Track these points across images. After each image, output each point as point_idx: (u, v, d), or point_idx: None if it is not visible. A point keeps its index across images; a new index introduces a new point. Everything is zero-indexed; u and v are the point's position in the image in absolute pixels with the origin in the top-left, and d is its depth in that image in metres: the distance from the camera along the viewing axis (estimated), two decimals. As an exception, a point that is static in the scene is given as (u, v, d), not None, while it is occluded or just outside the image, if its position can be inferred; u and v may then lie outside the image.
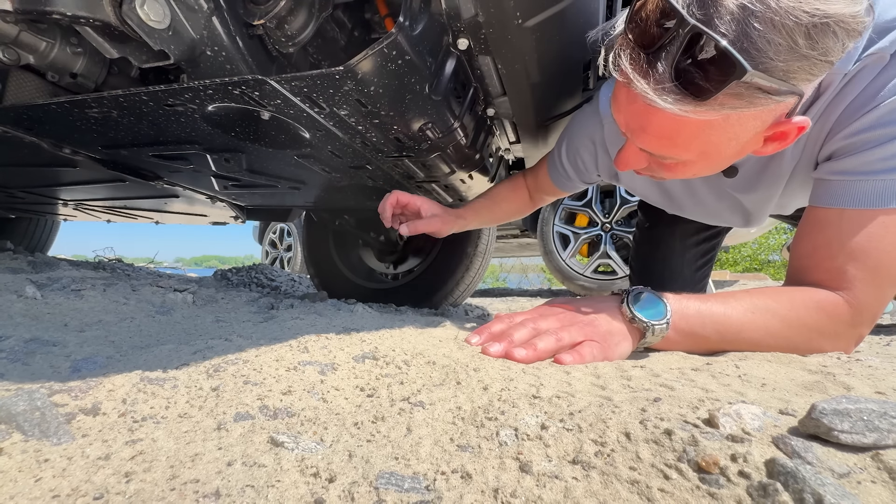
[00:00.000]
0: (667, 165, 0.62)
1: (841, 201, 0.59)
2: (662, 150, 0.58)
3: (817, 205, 0.62)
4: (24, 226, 2.78)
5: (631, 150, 0.64)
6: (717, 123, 0.51)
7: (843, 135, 0.60)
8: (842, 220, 0.59)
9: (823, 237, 0.61)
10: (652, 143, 0.58)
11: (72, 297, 0.85)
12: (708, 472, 0.28)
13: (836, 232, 0.59)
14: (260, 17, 0.64)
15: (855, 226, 0.58)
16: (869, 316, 0.60)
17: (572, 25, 0.73)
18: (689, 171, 0.62)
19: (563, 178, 0.98)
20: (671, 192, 0.94)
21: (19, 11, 0.55)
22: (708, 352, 0.62)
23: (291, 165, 1.00)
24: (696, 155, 0.57)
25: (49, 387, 0.39)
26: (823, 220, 0.61)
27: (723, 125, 0.52)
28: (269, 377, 0.45)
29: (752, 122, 0.52)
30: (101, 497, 0.27)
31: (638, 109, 0.56)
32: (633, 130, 0.59)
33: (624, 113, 0.59)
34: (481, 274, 1.76)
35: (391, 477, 0.30)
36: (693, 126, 0.52)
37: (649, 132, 0.57)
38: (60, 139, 0.90)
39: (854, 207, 0.58)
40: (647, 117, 0.55)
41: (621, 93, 0.58)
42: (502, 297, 3.71)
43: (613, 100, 0.61)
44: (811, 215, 0.63)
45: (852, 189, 0.58)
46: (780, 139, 0.56)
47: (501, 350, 0.57)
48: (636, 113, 0.56)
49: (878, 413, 0.29)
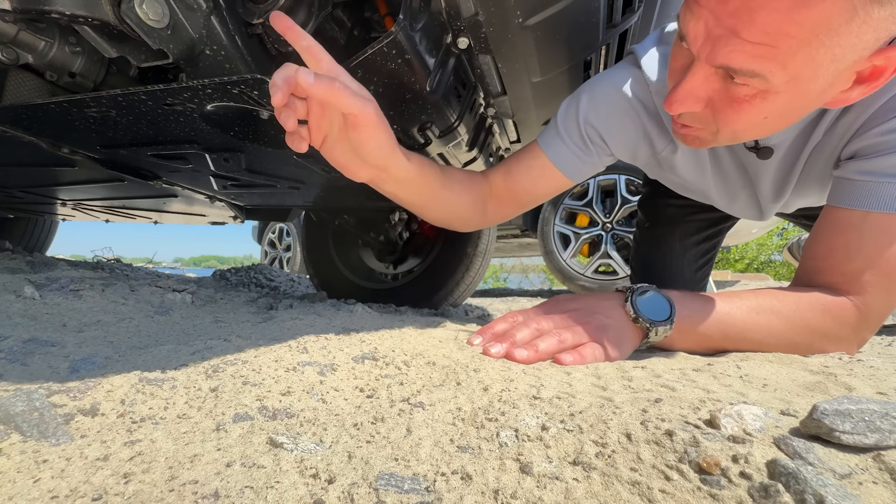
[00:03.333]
0: (738, 100, 0.51)
1: (867, 203, 0.56)
2: (756, 64, 0.47)
3: (839, 205, 0.59)
4: (22, 226, 2.78)
5: (697, 78, 0.52)
6: (837, 22, 0.43)
7: (876, 132, 0.57)
8: (864, 224, 0.56)
9: (843, 240, 0.58)
10: (745, 52, 0.47)
11: (70, 297, 0.85)
12: (709, 472, 0.28)
13: (856, 235, 0.57)
14: (259, 16, 0.64)
15: (878, 230, 0.56)
16: (876, 321, 0.59)
17: (573, 24, 0.73)
18: (763, 107, 0.51)
19: (569, 154, 0.77)
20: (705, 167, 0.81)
21: (18, 11, 0.54)
22: (710, 351, 0.62)
23: (290, 165, 1.00)
24: (789, 77, 0.47)
25: (47, 387, 0.39)
26: (845, 222, 0.58)
27: (841, 28, 0.43)
28: (269, 378, 0.44)
29: (864, 36, 0.44)
30: (100, 498, 0.27)
31: (739, 3, 0.45)
32: (718, 39, 0.48)
33: (709, 16, 0.48)
34: (481, 274, 1.76)
35: (391, 478, 0.29)
36: (806, 28, 0.44)
37: (746, 35, 0.46)
38: (59, 139, 0.90)
39: (881, 211, 0.55)
40: (751, 12, 0.45)
41: None
42: (502, 297, 3.71)
43: (687, 10, 0.50)
44: (831, 216, 0.60)
45: (880, 191, 0.56)
46: (875, 77, 0.48)
47: (503, 351, 0.56)
48: (735, 10, 0.45)
49: (880, 414, 0.29)
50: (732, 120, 0.54)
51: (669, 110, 0.56)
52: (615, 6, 0.80)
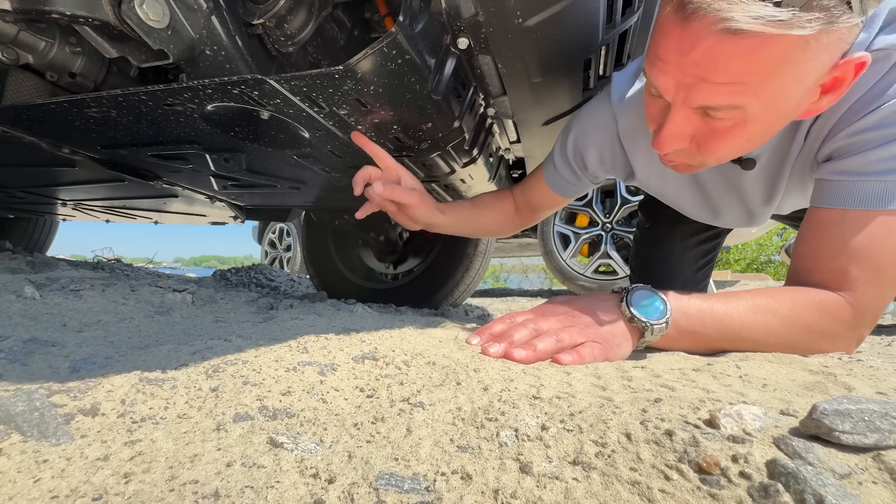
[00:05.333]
0: (720, 131, 0.56)
1: (843, 202, 0.59)
2: (730, 98, 0.51)
3: (819, 205, 0.62)
4: (22, 226, 2.78)
5: (677, 120, 0.57)
6: (795, 54, 0.47)
7: (845, 133, 0.59)
8: (844, 221, 0.59)
9: (826, 238, 0.60)
10: (718, 91, 0.51)
11: (71, 297, 0.85)
12: (709, 472, 0.28)
13: (838, 233, 0.59)
14: (259, 16, 0.64)
15: (857, 226, 0.58)
16: (870, 317, 0.59)
17: (572, 25, 0.73)
18: (744, 133, 0.56)
19: (562, 181, 0.93)
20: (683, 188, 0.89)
21: (18, 11, 0.54)
22: (709, 351, 0.62)
23: (291, 165, 1.00)
24: (763, 103, 0.52)
25: (48, 387, 0.39)
26: (826, 221, 0.61)
27: (799, 57, 0.48)
28: (269, 378, 0.45)
29: (820, 59, 0.49)
30: (100, 498, 0.27)
31: (700, 55, 0.49)
32: (690, 86, 0.52)
33: (674, 70, 0.53)
34: (481, 274, 1.76)
35: (391, 478, 0.29)
36: (768, 63, 0.48)
37: (715, 78, 0.50)
38: (59, 139, 0.90)
39: (856, 208, 0.58)
40: (714, 60, 0.49)
41: (671, 44, 0.52)
42: (502, 297, 3.71)
43: (652, 66, 0.55)
44: (813, 216, 0.63)
45: (854, 190, 0.58)
46: (837, 86, 0.53)
47: (501, 350, 0.56)
48: (698, 61, 0.50)
49: (880, 414, 0.29)
50: (717, 148, 0.59)
51: (658, 150, 0.61)
52: (615, 6, 0.80)
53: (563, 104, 0.99)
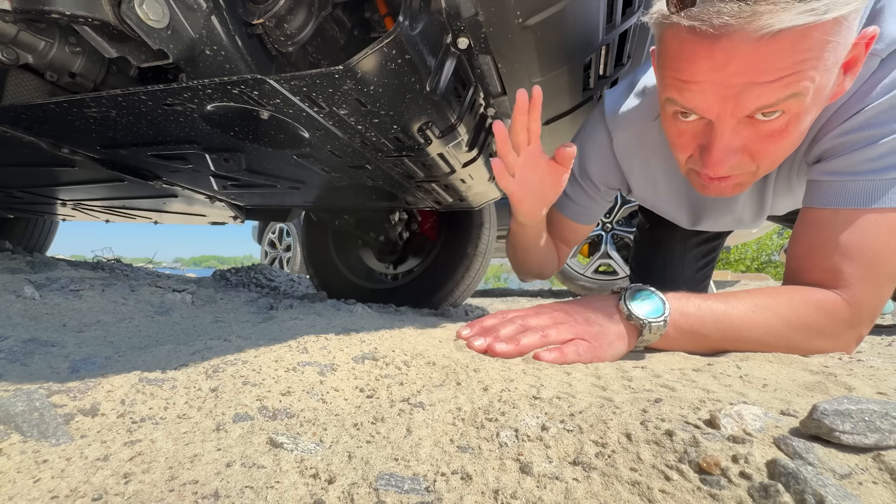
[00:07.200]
0: (773, 134, 0.55)
1: (833, 201, 0.60)
2: (785, 90, 0.50)
3: (811, 206, 0.63)
4: (22, 226, 2.78)
5: (725, 135, 0.56)
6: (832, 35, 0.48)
7: (832, 135, 0.61)
8: (836, 220, 0.60)
9: (819, 237, 0.61)
10: (770, 89, 0.50)
11: (70, 297, 0.85)
12: (709, 472, 0.28)
13: (831, 232, 0.60)
14: (259, 16, 0.64)
15: (848, 225, 0.59)
16: (868, 315, 0.60)
17: (572, 24, 0.73)
18: (797, 128, 0.55)
19: (574, 205, 0.93)
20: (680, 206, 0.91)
21: (18, 11, 0.54)
22: (709, 351, 0.62)
23: (291, 165, 1.00)
24: (816, 87, 0.51)
25: (48, 387, 0.39)
26: (818, 221, 0.62)
27: (833, 43, 0.48)
28: (269, 378, 0.44)
29: (849, 36, 0.50)
30: (100, 498, 0.27)
31: (742, 64, 0.49)
32: (738, 95, 0.52)
33: (714, 87, 0.52)
34: (481, 274, 1.76)
35: (391, 478, 0.29)
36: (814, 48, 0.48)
37: (764, 78, 0.50)
38: (59, 139, 0.90)
39: (846, 207, 0.59)
40: (757, 62, 0.49)
41: (701, 64, 0.51)
42: (502, 297, 3.71)
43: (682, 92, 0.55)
44: (806, 216, 0.64)
45: (843, 189, 0.59)
46: (854, 65, 0.54)
47: (485, 345, 0.58)
48: (740, 70, 0.50)
49: (880, 414, 0.29)
50: (772, 152, 0.58)
51: (712, 172, 0.60)
52: (615, 6, 0.80)
53: (563, 104, 0.99)
